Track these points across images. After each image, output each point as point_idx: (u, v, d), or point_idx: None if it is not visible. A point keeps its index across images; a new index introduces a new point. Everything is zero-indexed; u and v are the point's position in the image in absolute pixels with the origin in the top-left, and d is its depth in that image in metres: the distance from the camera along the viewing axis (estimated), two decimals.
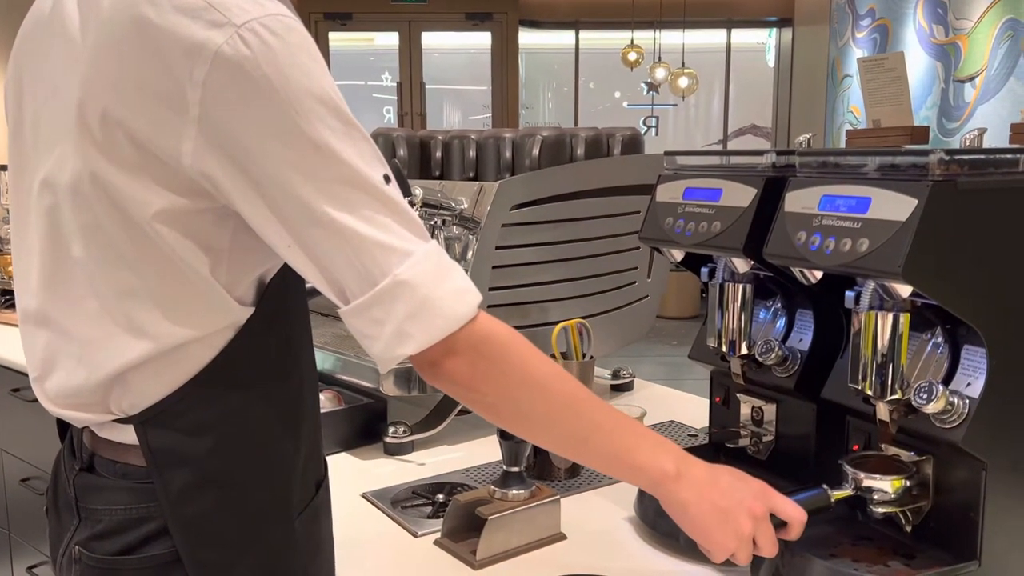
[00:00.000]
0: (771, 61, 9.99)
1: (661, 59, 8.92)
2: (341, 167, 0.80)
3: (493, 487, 1.27)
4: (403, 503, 1.41)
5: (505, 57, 9.32)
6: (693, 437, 1.72)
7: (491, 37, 9.33)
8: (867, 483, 1.05)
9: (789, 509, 0.98)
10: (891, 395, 1.03)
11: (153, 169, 0.81)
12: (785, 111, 9.60)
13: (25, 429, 2.40)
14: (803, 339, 1.24)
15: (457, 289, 0.85)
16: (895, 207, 0.96)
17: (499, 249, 1.70)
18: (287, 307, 0.94)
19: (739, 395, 1.33)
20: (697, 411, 1.80)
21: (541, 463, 1.49)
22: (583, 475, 1.51)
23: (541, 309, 1.81)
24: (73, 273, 0.87)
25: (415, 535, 1.30)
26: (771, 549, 0.96)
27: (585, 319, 1.76)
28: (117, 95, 0.80)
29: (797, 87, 9.42)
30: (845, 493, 1.06)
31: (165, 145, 0.79)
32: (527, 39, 9.58)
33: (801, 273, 1.09)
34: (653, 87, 9.46)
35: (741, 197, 1.19)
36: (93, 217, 0.83)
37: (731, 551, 0.95)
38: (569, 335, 1.71)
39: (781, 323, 1.29)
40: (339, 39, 9.27)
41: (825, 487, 1.06)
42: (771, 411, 1.29)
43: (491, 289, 1.70)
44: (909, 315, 1.01)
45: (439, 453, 1.63)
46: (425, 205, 1.63)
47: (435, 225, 1.72)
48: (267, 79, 0.77)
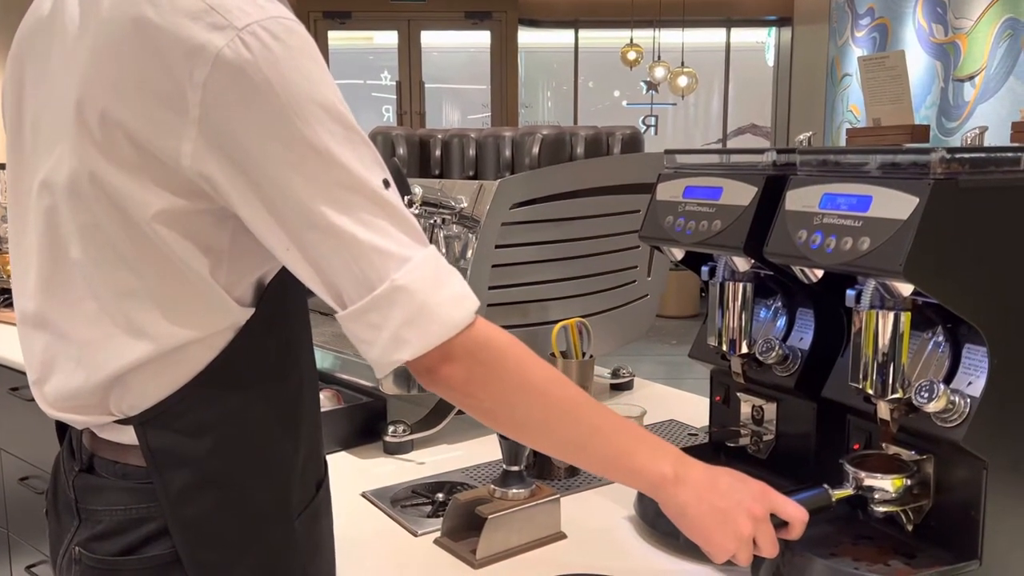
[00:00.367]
0: (770, 60, 9.99)
1: (660, 58, 8.91)
2: (340, 171, 0.80)
3: (493, 486, 1.27)
4: (403, 502, 1.40)
5: (504, 56, 9.32)
6: (693, 436, 1.71)
7: (490, 36, 9.32)
8: (868, 482, 1.05)
9: (790, 509, 0.98)
10: (892, 394, 1.02)
11: (152, 170, 0.80)
12: (784, 110, 9.60)
13: (24, 428, 2.40)
14: (804, 338, 1.24)
15: (455, 295, 0.85)
16: (896, 206, 0.96)
17: (499, 248, 1.70)
18: (286, 308, 0.94)
19: (739, 394, 1.33)
20: (697, 410, 1.80)
21: (541, 462, 1.49)
22: (583, 474, 1.51)
23: (541, 308, 1.80)
24: (71, 274, 0.87)
25: (415, 534, 1.30)
26: (772, 550, 0.96)
27: (585, 318, 1.76)
28: (116, 95, 0.79)
29: (796, 86, 9.42)
30: (846, 492, 1.05)
31: (164, 146, 0.79)
32: (526, 38, 9.58)
33: (802, 272, 1.09)
34: (652, 86, 9.47)
35: (742, 196, 1.18)
36: (92, 217, 0.83)
37: (731, 553, 0.95)
38: (569, 334, 1.70)
39: (782, 322, 1.29)
40: (338, 38, 9.27)
41: (826, 486, 1.05)
42: (771, 410, 1.29)
43: (491, 288, 1.70)
44: (910, 314, 1.01)
45: (439, 452, 1.63)
46: (425, 204, 1.63)
47: (435, 224, 1.72)
48: (268, 82, 0.77)
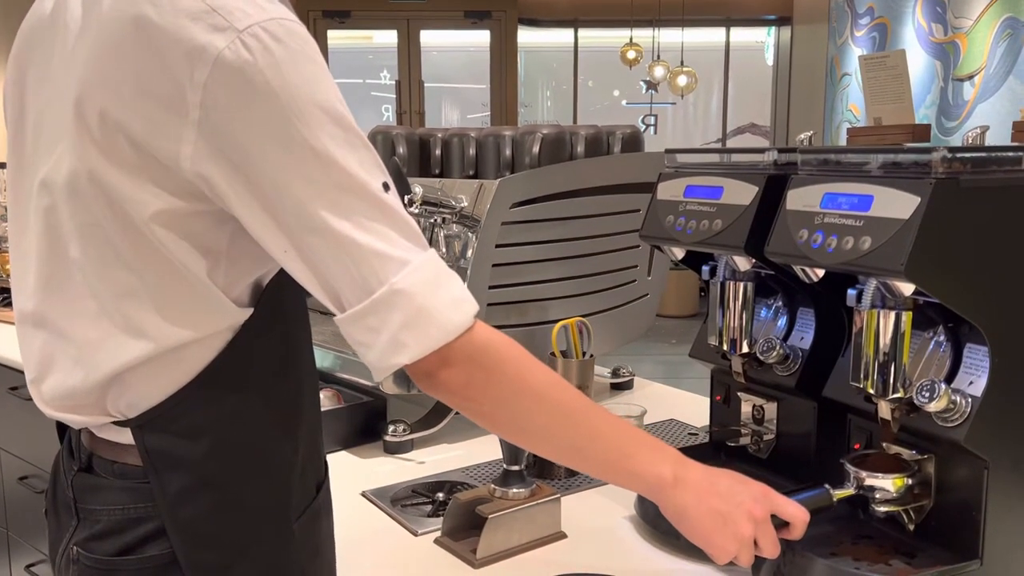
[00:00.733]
0: (770, 60, 9.99)
1: (660, 57, 8.91)
2: (340, 174, 0.80)
3: (493, 486, 1.27)
4: (403, 502, 1.40)
5: (504, 55, 9.31)
6: (693, 436, 1.71)
7: (490, 35, 9.32)
8: (869, 482, 1.05)
9: (791, 510, 0.98)
10: (893, 394, 1.02)
11: (152, 170, 0.80)
12: (784, 110, 9.60)
13: (23, 427, 2.40)
14: (804, 337, 1.24)
15: (454, 299, 0.85)
16: (897, 205, 0.96)
17: (499, 247, 1.69)
18: (285, 309, 0.94)
19: (740, 393, 1.33)
20: (697, 410, 1.80)
21: (541, 462, 1.49)
22: (583, 474, 1.50)
23: (541, 307, 1.80)
24: (71, 274, 0.86)
25: (415, 534, 1.30)
26: (773, 550, 0.96)
27: (585, 317, 1.76)
28: (116, 95, 0.79)
29: (796, 86, 9.42)
30: (847, 492, 1.05)
31: (164, 147, 0.79)
32: (526, 37, 9.58)
33: (803, 271, 1.08)
34: (652, 85, 9.46)
35: (742, 195, 1.18)
36: (90, 217, 0.83)
37: (733, 554, 0.95)
38: (569, 333, 1.70)
39: (782, 321, 1.29)
40: (337, 37, 9.26)
41: (827, 486, 1.05)
42: (772, 410, 1.29)
43: (491, 287, 1.70)
44: (911, 313, 1.01)
45: (439, 451, 1.63)
46: (425, 203, 1.63)
47: (435, 223, 1.72)
48: (268, 84, 0.77)
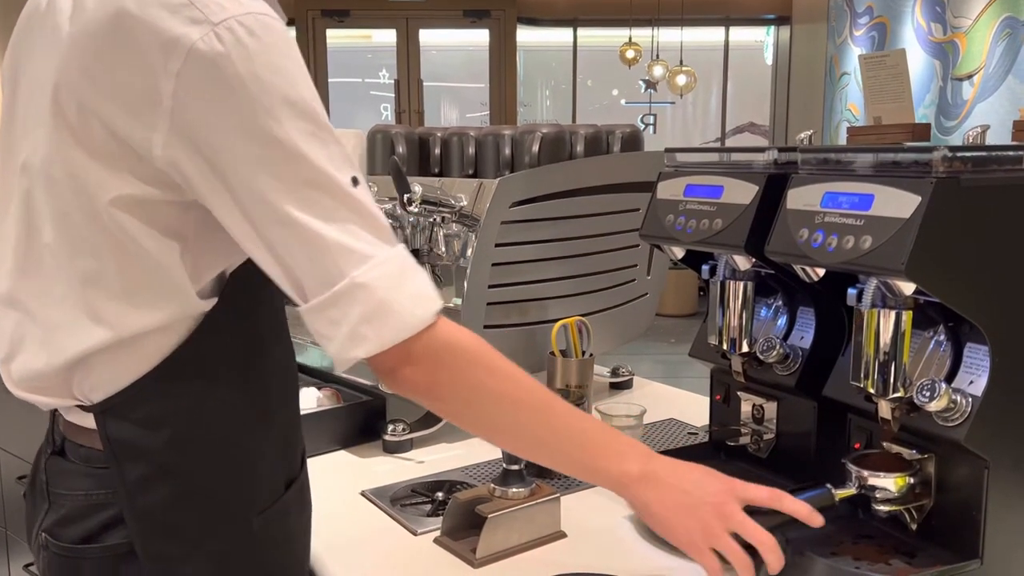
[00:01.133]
0: (769, 59, 9.98)
1: (659, 57, 8.91)
2: (307, 168, 0.81)
3: (493, 485, 1.27)
4: (402, 501, 1.40)
5: (503, 55, 9.31)
6: (693, 435, 1.71)
7: (489, 34, 9.31)
8: (871, 481, 1.05)
9: (759, 493, 0.96)
10: (893, 393, 1.02)
11: (126, 158, 0.82)
12: (783, 109, 9.60)
13: (21, 426, 2.39)
14: (804, 337, 1.24)
15: (416, 294, 0.86)
16: (898, 204, 0.96)
17: (498, 246, 1.69)
18: (253, 302, 0.95)
19: (740, 393, 1.33)
20: (697, 409, 1.80)
21: None
22: None
23: (540, 306, 1.80)
24: (43, 257, 0.88)
25: (414, 533, 1.30)
26: (762, 542, 0.94)
27: (584, 316, 1.76)
28: (93, 83, 0.81)
29: (795, 85, 9.42)
30: (849, 492, 1.05)
31: (137, 135, 0.81)
32: (525, 37, 9.57)
33: (803, 271, 1.08)
34: (651, 85, 9.46)
35: (742, 194, 1.18)
36: (62, 203, 0.85)
37: (704, 550, 0.94)
38: (568, 333, 1.70)
39: (782, 321, 1.28)
40: (336, 36, 9.25)
41: (829, 486, 1.05)
42: (772, 409, 1.29)
43: (490, 286, 1.70)
44: (912, 313, 1.01)
45: (438, 451, 1.62)
46: (424, 202, 1.62)
47: (434, 222, 1.72)
48: (239, 77, 0.78)
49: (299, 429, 1.06)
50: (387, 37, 9.37)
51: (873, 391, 1.03)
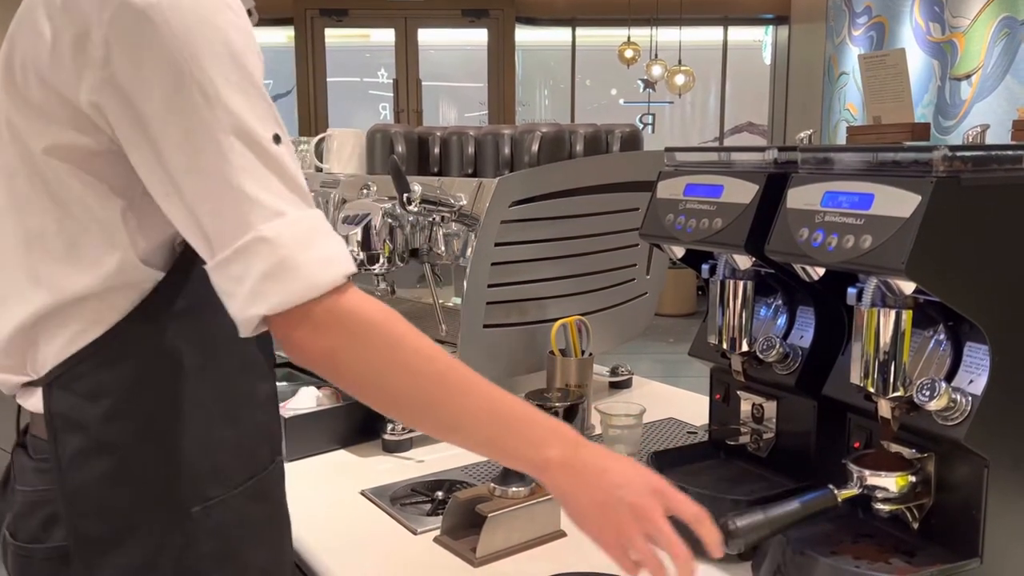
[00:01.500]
0: (767, 59, 9.99)
1: (658, 56, 8.91)
2: (229, 118, 0.80)
3: (493, 484, 1.27)
4: (402, 500, 1.40)
5: (501, 54, 9.30)
6: (692, 434, 1.71)
7: (487, 34, 9.31)
8: (871, 480, 1.05)
9: (684, 507, 0.89)
10: (893, 392, 1.02)
11: (56, 105, 0.83)
12: (781, 109, 9.60)
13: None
14: (804, 336, 1.24)
15: (325, 256, 0.83)
16: (898, 203, 0.96)
17: (498, 246, 1.69)
18: (206, 281, 0.87)
19: (739, 392, 1.33)
20: (696, 408, 1.80)
21: None
22: None
23: (540, 306, 1.80)
24: None
25: (414, 532, 1.30)
26: (673, 552, 0.87)
27: (584, 316, 1.76)
28: (35, 37, 0.82)
29: (793, 85, 9.42)
30: (852, 492, 1.05)
31: (67, 81, 0.82)
32: (524, 36, 9.57)
33: (803, 270, 1.08)
34: (649, 84, 9.46)
35: (742, 194, 1.18)
36: (7, 159, 0.86)
37: (619, 549, 0.88)
38: (568, 332, 1.70)
39: (782, 320, 1.28)
40: (335, 35, 9.25)
41: (831, 487, 1.05)
42: (772, 408, 1.29)
43: (490, 286, 1.70)
44: (911, 312, 1.01)
45: (438, 450, 1.62)
46: (424, 201, 1.62)
47: (433, 222, 1.72)
48: (167, 23, 0.79)
49: (273, 424, 1.03)
50: (386, 36, 9.37)
51: (873, 390, 1.03)
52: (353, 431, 1.65)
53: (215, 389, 0.95)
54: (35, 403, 0.90)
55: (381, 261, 1.69)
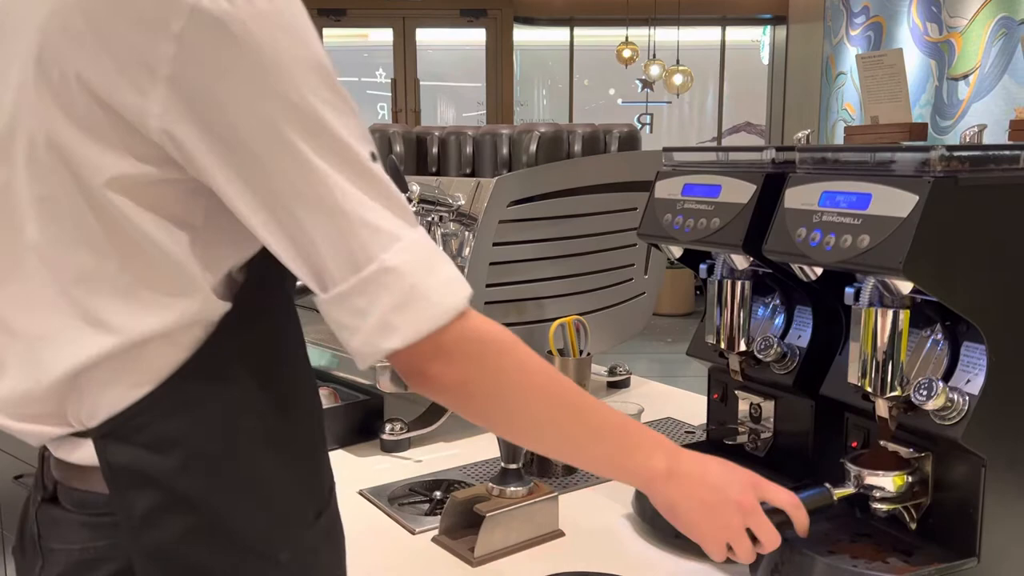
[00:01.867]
0: (765, 59, 9.99)
1: (655, 56, 8.91)
2: (329, 140, 0.72)
3: (491, 484, 1.27)
4: (400, 500, 1.40)
5: (500, 54, 9.30)
6: (690, 434, 1.72)
7: (486, 34, 9.31)
8: (869, 480, 1.05)
9: (780, 496, 0.97)
10: (891, 392, 1.02)
11: (116, 130, 0.71)
12: (779, 109, 9.61)
13: None
14: (802, 336, 1.24)
15: (448, 279, 0.77)
16: (896, 203, 0.96)
17: (496, 245, 1.69)
18: (268, 306, 0.84)
19: (737, 392, 1.33)
20: (694, 408, 1.80)
21: (539, 460, 1.49)
22: (581, 472, 1.50)
23: (538, 305, 1.80)
24: (25, 260, 0.76)
25: (412, 532, 1.30)
26: (770, 541, 0.95)
27: (582, 315, 1.76)
28: (80, 47, 0.70)
29: (791, 85, 9.43)
30: (848, 491, 1.06)
31: (130, 104, 0.70)
32: (522, 36, 9.57)
33: (801, 270, 1.09)
34: (647, 84, 9.46)
35: (740, 193, 1.18)
36: (48, 188, 0.74)
37: (723, 546, 0.94)
38: (566, 332, 1.70)
39: (780, 320, 1.29)
40: (333, 35, 9.24)
41: (827, 485, 1.05)
42: (769, 408, 1.29)
43: (488, 286, 1.70)
44: (909, 311, 1.01)
45: (436, 450, 1.62)
46: (422, 201, 1.63)
47: (432, 221, 1.72)
48: (252, 38, 0.69)
49: (324, 449, 0.94)
50: (384, 36, 9.36)
51: (871, 390, 1.04)
52: (351, 431, 1.65)
53: (280, 412, 0.85)
54: (83, 456, 0.79)
55: None
